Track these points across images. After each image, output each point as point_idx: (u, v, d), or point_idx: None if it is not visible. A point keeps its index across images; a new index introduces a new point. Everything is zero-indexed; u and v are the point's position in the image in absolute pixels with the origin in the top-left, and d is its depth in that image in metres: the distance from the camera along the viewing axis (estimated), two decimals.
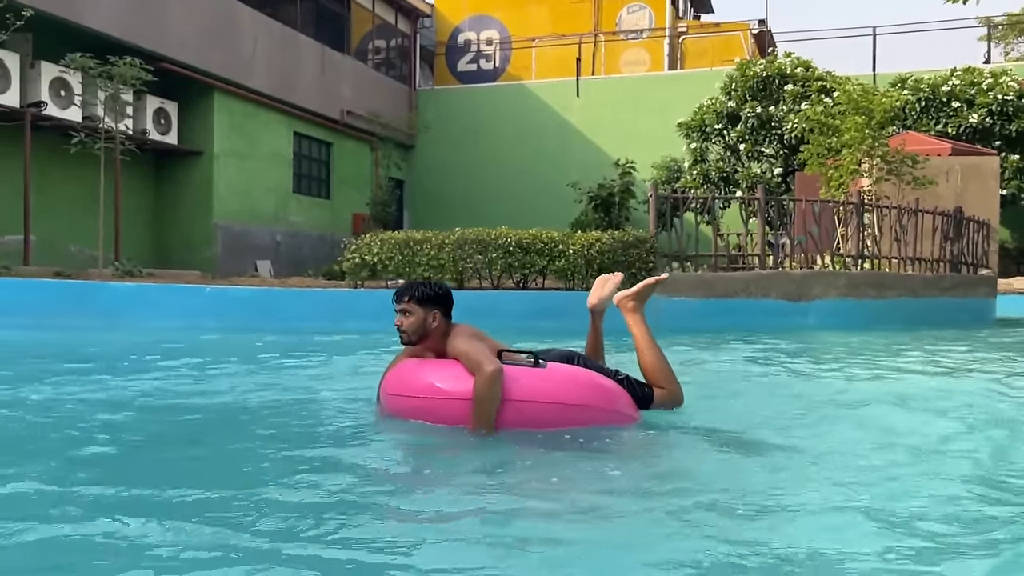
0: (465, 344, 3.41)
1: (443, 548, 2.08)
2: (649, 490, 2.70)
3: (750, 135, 17.35)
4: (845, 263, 10.13)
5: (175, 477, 2.71)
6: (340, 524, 2.21)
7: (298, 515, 2.27)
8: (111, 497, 2.42)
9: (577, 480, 2.82)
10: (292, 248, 17.47)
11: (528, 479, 2.82)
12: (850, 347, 7.61)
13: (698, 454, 3.30)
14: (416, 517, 2.34)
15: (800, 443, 3.44)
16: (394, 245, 9.05)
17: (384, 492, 2.64)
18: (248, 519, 2.23)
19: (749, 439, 3.53)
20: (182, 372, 5.21)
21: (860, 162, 11.20)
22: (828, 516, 2.40)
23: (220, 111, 15.85)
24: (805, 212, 9.70)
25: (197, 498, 2.42)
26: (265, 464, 2.97)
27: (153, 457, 3.11)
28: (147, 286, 8.36)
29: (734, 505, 2.50)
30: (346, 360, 6.04)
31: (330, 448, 3.23)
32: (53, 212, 13.36)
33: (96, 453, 3.03)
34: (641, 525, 2.33)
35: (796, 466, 3.06)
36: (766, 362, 6.47)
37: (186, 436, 3.49)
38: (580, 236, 9.32)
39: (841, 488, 2.70)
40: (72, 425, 3.51)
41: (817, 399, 4.66)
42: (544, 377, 3.45)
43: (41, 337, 6.68)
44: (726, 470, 3.02)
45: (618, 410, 3.61)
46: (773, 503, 2.53)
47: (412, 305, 3.53)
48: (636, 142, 20.07)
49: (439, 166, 22.06)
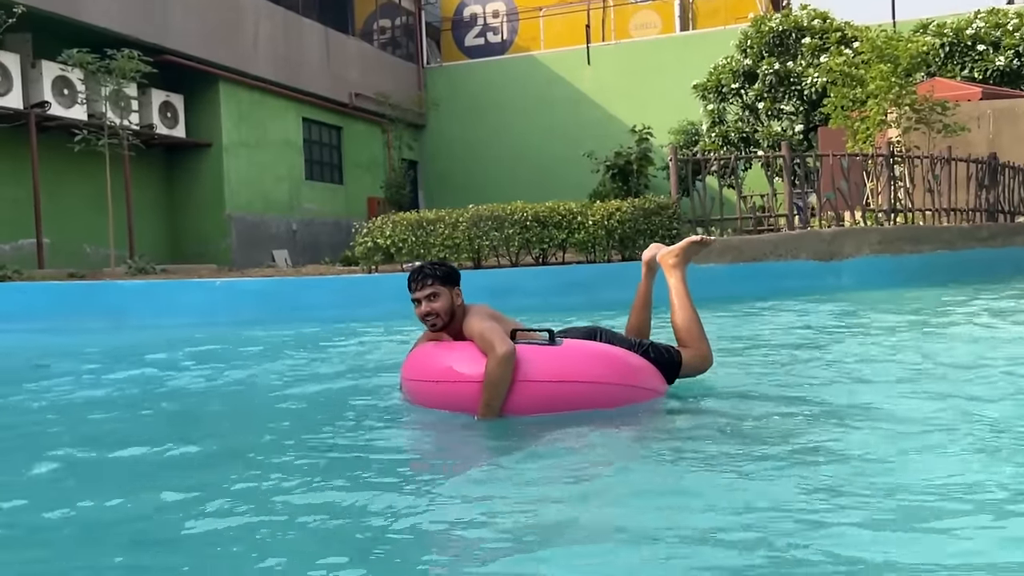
0: (480, 324, 3.24)
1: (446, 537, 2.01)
2: (676, 475, 2.51)
3: (768, 93, 16.82)
4: (877, 218, 9.72)
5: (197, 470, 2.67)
6: (354, 523, 2.14)
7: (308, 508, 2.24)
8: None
9: (597, 464, 2.66)
10: (308, 236, 17.28)
11: (545, 467, 2.64)
12: (887, 306, 7.25)
13: (723, 437, 2.98)
14: (426, 509, 2.24)
15: (849, 414, 3.15)
16: (406, 226, 8.77)
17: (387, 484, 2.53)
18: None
19: (782, 414, 3.25)
20: (193, 366, 5.00)
21: (887, 112, 10.73)
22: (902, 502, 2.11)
23: (227, 101, 15.62)
24: (833, 167, 9.30)
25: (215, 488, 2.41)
26: (288, 458, 2.84)
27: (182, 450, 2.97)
28: (155, 283, 8.16)
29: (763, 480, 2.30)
30: (364, 348, 5.82)
31: (352, 439, 3.10)
32: (66, 213, 13.24)
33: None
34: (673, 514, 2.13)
35: (847, 442, 2.76)
36: (800, 327, 6.15)
37: (201, 430, 3.36)
38: (599, 206, 8.99)
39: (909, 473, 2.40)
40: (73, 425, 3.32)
41: (856, 364, 4.36)
42: (559, 355, 3.25)
43: (46, 341, 6.51)
44: (758, 452, 2.70)
45: (642, 385, 3.42)
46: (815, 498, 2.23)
47: (438, 287, 3.35)
48: (651, 107, 19.61)
49: (452, 144, 21.75)
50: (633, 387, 3.38)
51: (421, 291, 3.36)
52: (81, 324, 7.08)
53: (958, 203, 10.47)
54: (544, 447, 2.86)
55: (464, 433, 3.14)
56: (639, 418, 3.29)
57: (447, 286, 3.37)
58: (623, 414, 3.25)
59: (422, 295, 3.36)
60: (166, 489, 2.40)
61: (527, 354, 3.19)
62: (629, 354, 3.50)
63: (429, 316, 3.37)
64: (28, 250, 12.48)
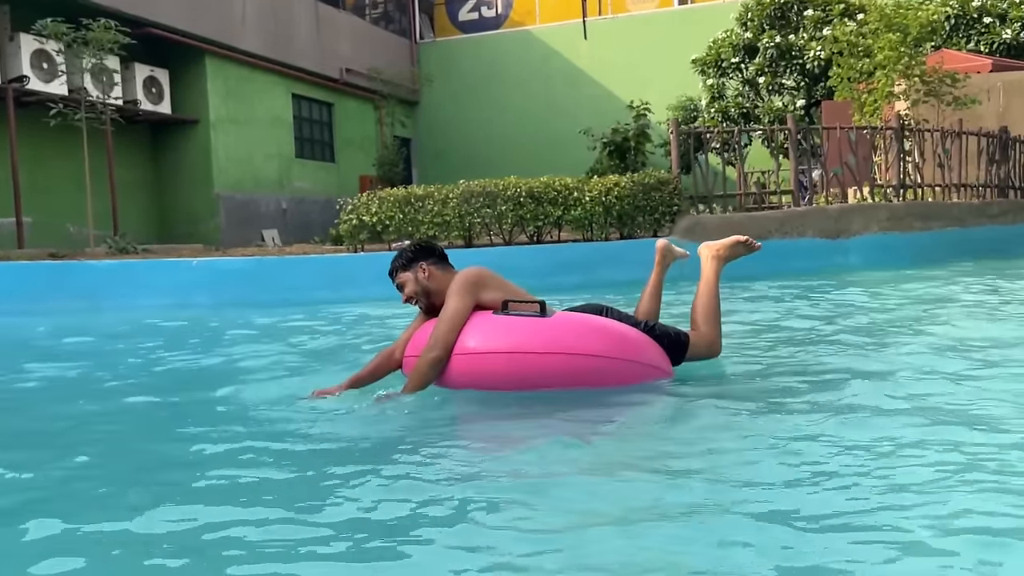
0: (448, 306, 3.16)
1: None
2: (672, 456, 2.34)
3: (769, 67, 16.41)
4: (885, 194, 9.37)
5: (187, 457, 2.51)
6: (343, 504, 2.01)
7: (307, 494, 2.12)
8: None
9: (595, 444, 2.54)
10: (299, 215, 16.89)
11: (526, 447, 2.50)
12: (894, 284, 6.93)
13: (727, 418, 2.77)
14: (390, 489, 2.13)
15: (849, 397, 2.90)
16: (394, 203, 8.38)
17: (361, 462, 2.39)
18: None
19: (786, 399, 2.99)
20: (166, 352, 4.67)
21: (895, 84, 10.35)
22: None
23: (213, 76, 15.18)
24: (840, 141, 8.93)
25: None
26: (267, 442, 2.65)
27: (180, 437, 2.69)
28: (131, 262, 7.81)
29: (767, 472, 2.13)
30: (346, 330, 5.49)
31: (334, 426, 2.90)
32: (48, 192, 12.86)
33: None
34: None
35: (847, 429, 2.51)
36: (806, 308, 5.83)
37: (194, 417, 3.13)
38: (596, 181, 8.62)
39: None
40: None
41: (864, 349, 4.04)
42: (549, 326, 3.06)
43: (12, 323, 6.16)
44: (762, 439, 2.49)
45: (641, 361, 3.23)
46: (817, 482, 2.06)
47: (402, 275, 3.42)
48: (649, 83, 19.20)
49: (446, 121, 21.34)
50: (631, 362, 3.18)
51: (394, 283, 3.46)
52: (52, 306, 6.74)
53: (968, 178, 10.11)
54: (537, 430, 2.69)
55: (446, 410, 3.04)
56: (646, 397, 3.09)
57: (409, 270, 3.39)
58: (624, 392, 3.09)
59: (396, 286, 3.46)
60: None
61: (515, 324, 3.05)
62: (627, 328, 3.33)
63: (409, 302, 3.42)
64: (8, 229, 12.10)
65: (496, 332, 3.03)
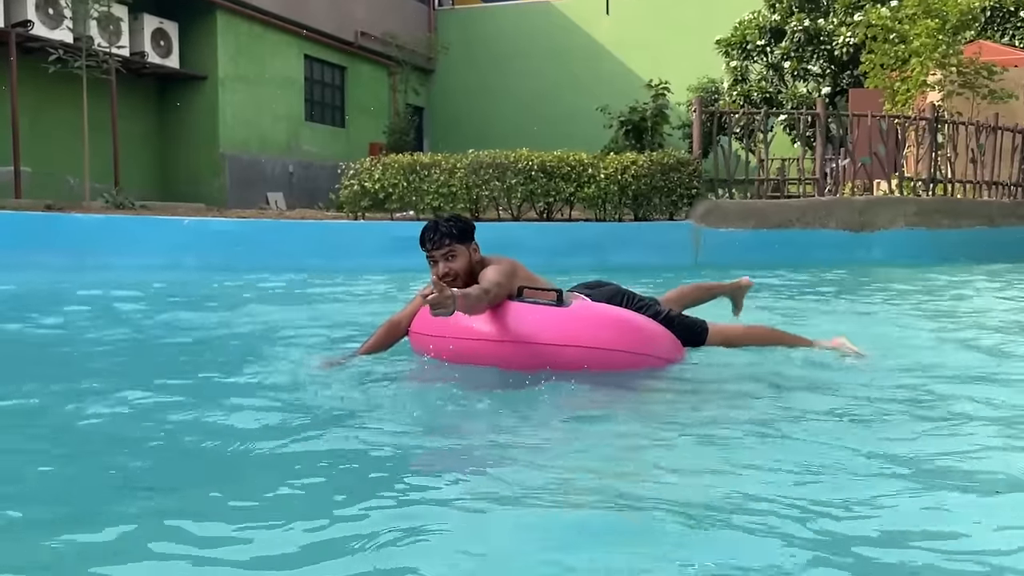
0: (494, 278, 3.00)
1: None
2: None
3: (796, 51, 15.94)
4: (914, 188, 8.96)
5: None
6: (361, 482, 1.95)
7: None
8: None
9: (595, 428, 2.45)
10: (306, 180, 16.53)
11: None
12: (925, 284, 6.56)
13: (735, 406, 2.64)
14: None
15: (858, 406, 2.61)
16: (398, 170, 7.99)
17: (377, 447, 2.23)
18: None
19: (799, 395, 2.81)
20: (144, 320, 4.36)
21: (930, 73, 9.90)
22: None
23: (224, 32, 14.78)
24: (871, 129, 8.51)
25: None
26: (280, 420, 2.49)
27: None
28: (119, 218, 7.48)
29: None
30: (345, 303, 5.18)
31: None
32: (48, 142, 12.52)
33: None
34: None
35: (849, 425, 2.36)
36: (827, 302, 5.48)
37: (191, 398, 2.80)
38: (613, 158, 8.24)
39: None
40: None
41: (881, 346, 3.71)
42: (566, 318, 3.00)
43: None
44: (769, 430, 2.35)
45: (655, 354, 3.19)
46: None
47: (456, 245, 3.11)
48: (670, 62, 18.67)
49: (460, 91, 20.89)
50: (645, 356, 3.15)
51: (438, 250, 3.11)
52: (33, 260, 6.41)
53: (1001, 176, 9.69)
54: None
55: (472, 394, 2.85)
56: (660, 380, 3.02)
57: (465, 243, 3.14)
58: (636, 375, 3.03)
59: (439, 254, 3.11)
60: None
61: (531, 314, 2.97)
62: (645, 320, 3.26)
63: (447, 277, 3.09)
64: (6, 178, 11.79)
65: (510, 320, 2.95)
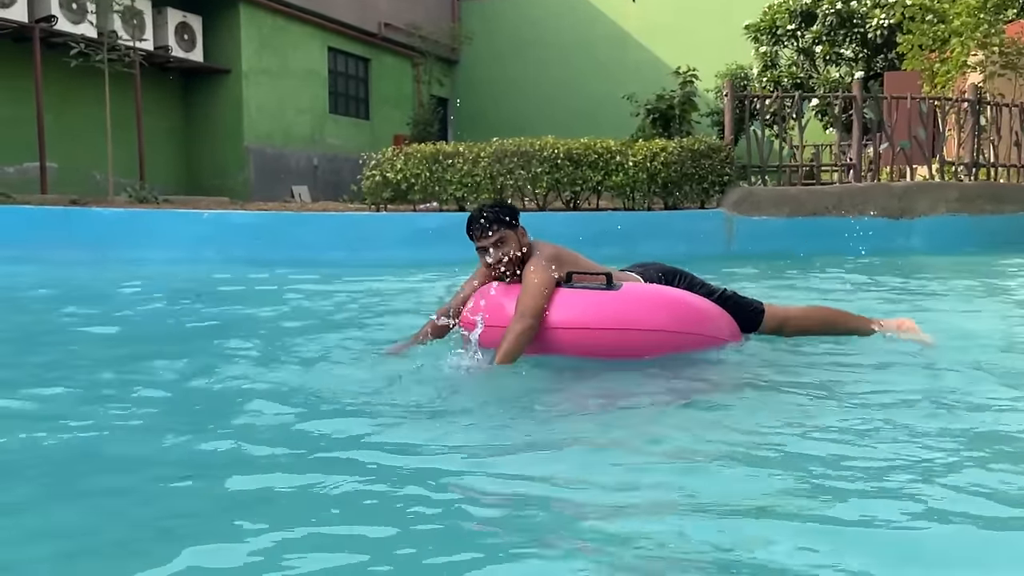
0: (533, 279, 2.99)
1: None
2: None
3: (828, 35, 15.54)
4: (956, 172, 8.64)
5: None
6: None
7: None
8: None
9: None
10: (331, 172, 16.46)
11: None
12: (971, 271, 6.28)
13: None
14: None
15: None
16: (420, 160, 7.82)
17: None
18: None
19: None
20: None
21: (971, 54, 9.54)
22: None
23: (248, 25, 14.71)
24: (911, 112, 8.21)
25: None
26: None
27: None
28: (139, 212, 7.40)
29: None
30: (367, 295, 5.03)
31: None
32: (74, 137, 12.53)
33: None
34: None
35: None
36: (872, 290, 5.24)
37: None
38: (641, 145, 8.01)
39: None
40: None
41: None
42: (617, 301, 3.01)
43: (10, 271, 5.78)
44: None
45: (710, 334, 3.16)
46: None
47: (504, 231, 3.13)
48: (698, 49, 18.33)
49: (485, 82, 20.70)
50: (700, 335, 3.13)
51: (486, 239, 3.11)
52: (55, 254, 6.37)
53: None
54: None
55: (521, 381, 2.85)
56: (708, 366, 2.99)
57: (512, 228, 3.16)
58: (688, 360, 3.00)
59: (488, 243, 3.12)
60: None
61: (581, 300, 3.00)
62: (699, 299, 3.23)
63: (499, 264, 3.13)
64: (33, 174, 11.82)
65: (563, 306, 2.96)
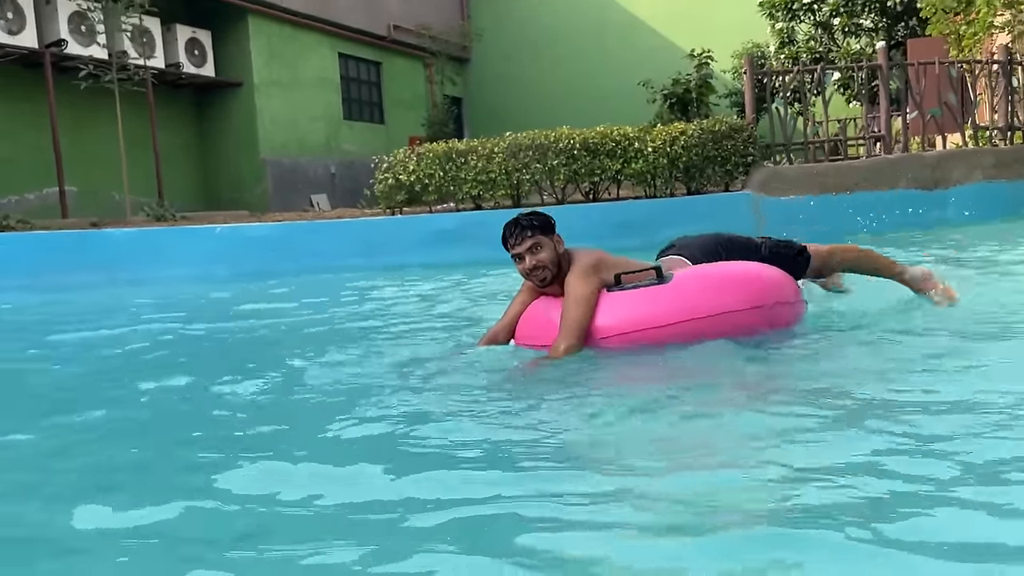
0: (575, 292, 2.96)
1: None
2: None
3: (846, 6, 15.18)
4: (990, 138, 8.30)
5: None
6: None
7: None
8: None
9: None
10: (348, 179, 16.36)
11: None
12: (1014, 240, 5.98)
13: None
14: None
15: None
16: (434, 159, 7.64)
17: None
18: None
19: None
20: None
21: (997, 14, 9.18)
22: None
23: (256, 36, 14.66)
24: (940, 77, 7.89)
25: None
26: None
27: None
28: (150, 231, 7.32)
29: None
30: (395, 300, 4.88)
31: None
32: (91, 160, 12.54)
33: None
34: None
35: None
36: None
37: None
38: (660, 130, 7.77)
39: None
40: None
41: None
42: (671, 296, 2.95)
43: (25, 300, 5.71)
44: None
45: (780, 300, 3.08)
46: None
47: (540, 236, 3.11)
48: (712, 30, 18.00)
49: (498, 79, 20.52)
50: (769, 307, 3.03)
51: (522, 244, 3.09)
52: (68, 279, 6.29)
53: None
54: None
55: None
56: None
57: (547, 235, 3.12)
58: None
59: (523, 249, 3.09)
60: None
61: (636, 300, 2.95)
62: (756, 269, 3.14)
63: (536, 271, 3.10)
64: (53, 199, 11.85)
65: (619, 309, 2.92)
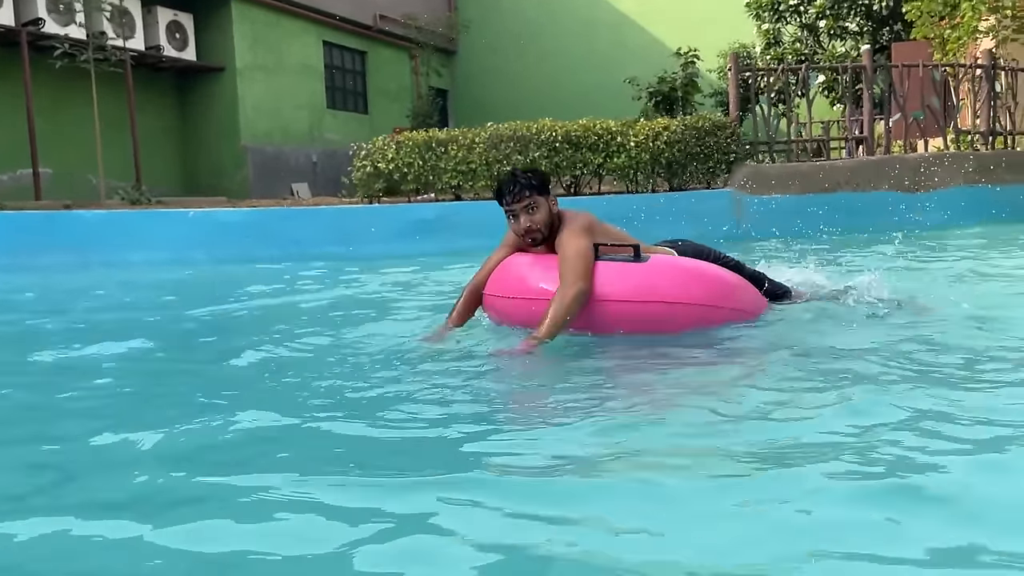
0: (573, 245, 2.96)
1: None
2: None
3: (832, 9, 15.24)
4: (971, 142, 8.32)
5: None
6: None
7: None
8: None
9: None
10: (330, 168, 16.20)
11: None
12: (992, 244, 6.00)
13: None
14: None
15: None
16: (413, 148, 7.56)
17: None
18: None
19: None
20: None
21: (982, 19, 9.22)
22: None
23: (240, 21, 14.47)
24: (923, 80, 7.90)
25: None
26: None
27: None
28: (122, 213, 7.18)
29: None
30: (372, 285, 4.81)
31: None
32: (67, 141, 12.33)
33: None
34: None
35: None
36: (898, 269, 4.98)
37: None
38: (644, 125, 7.73)
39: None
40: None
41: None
42: (644, 273, 2.97)
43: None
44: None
45: (737, 307, 3.15)
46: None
47: (536, 196, 3.10)
48: (699, 29, 18.02)
49: (484, 72, 20.43)
50: (729, 309, 3.11)
51: (518, 202, 3.07)
52: (37, 260, 6.16)
53: None
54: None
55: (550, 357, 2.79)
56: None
57: (544, 195, 3.12)
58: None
59: (519, 207, 3.08)
60: None
61: (607, 272, 2.95)
62: (726, 273, 3.23)
63: (530, 232, 3.11)
64: (27, 181, 11.63)
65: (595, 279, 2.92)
